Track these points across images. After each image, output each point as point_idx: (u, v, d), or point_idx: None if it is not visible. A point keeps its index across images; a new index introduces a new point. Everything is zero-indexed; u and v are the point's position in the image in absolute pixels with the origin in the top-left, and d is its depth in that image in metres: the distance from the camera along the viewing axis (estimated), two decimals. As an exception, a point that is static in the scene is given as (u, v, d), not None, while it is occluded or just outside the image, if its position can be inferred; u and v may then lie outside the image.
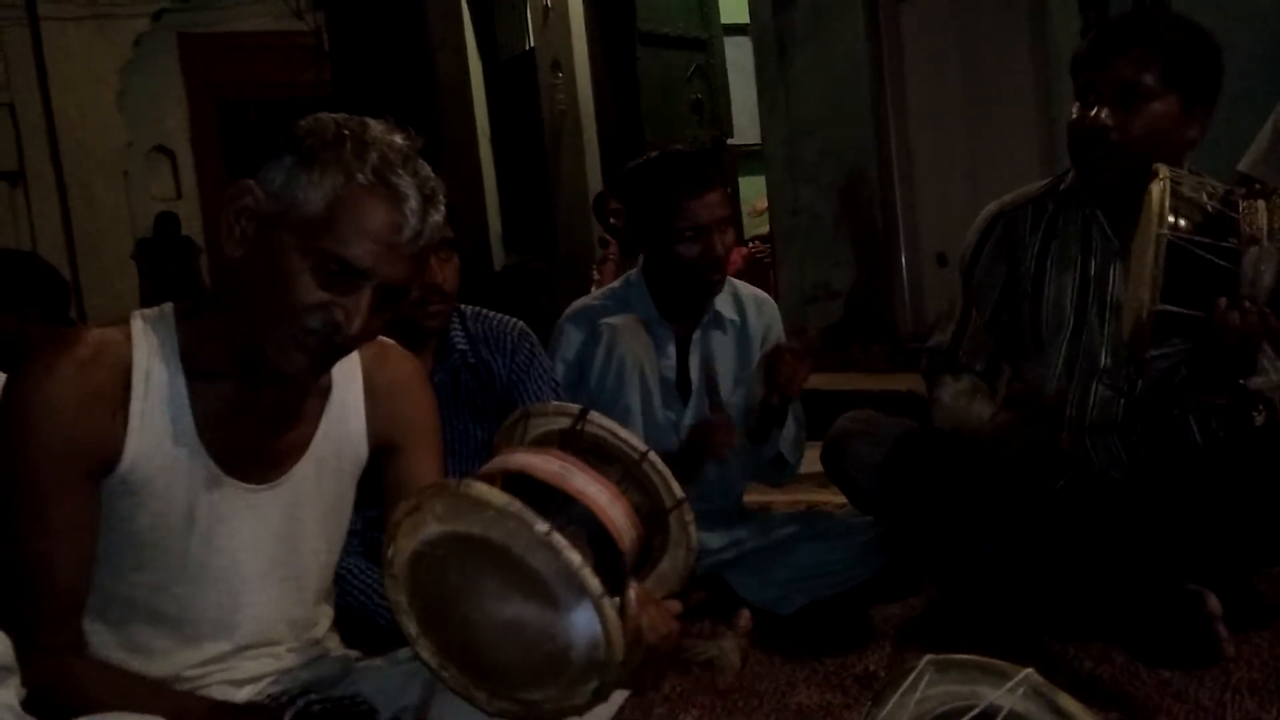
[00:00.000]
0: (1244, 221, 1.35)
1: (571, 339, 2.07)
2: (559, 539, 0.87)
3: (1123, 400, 1.72)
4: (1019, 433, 1.69)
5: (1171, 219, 1.37)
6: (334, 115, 1.08)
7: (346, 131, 1.06)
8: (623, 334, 2.03)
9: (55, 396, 1.04)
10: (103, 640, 1.13)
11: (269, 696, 1.19)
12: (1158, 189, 1.39)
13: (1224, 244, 1.36)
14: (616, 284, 2.17)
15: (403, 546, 0.95)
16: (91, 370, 1.06)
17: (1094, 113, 1.61)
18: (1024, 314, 1.78)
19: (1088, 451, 1.74)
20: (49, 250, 8.30)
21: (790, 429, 2.03)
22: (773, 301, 2.21)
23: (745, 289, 2.17)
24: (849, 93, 4.58)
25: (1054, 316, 1.74)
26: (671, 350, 2.08)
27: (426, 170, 1.08)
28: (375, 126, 1.07)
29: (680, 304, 2.07)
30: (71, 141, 8.48)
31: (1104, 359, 1.72)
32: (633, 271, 2.15)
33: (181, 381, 1.11)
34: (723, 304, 2.10)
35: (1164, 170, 1.41)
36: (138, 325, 1.11)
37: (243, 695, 1.19)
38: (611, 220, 5.43)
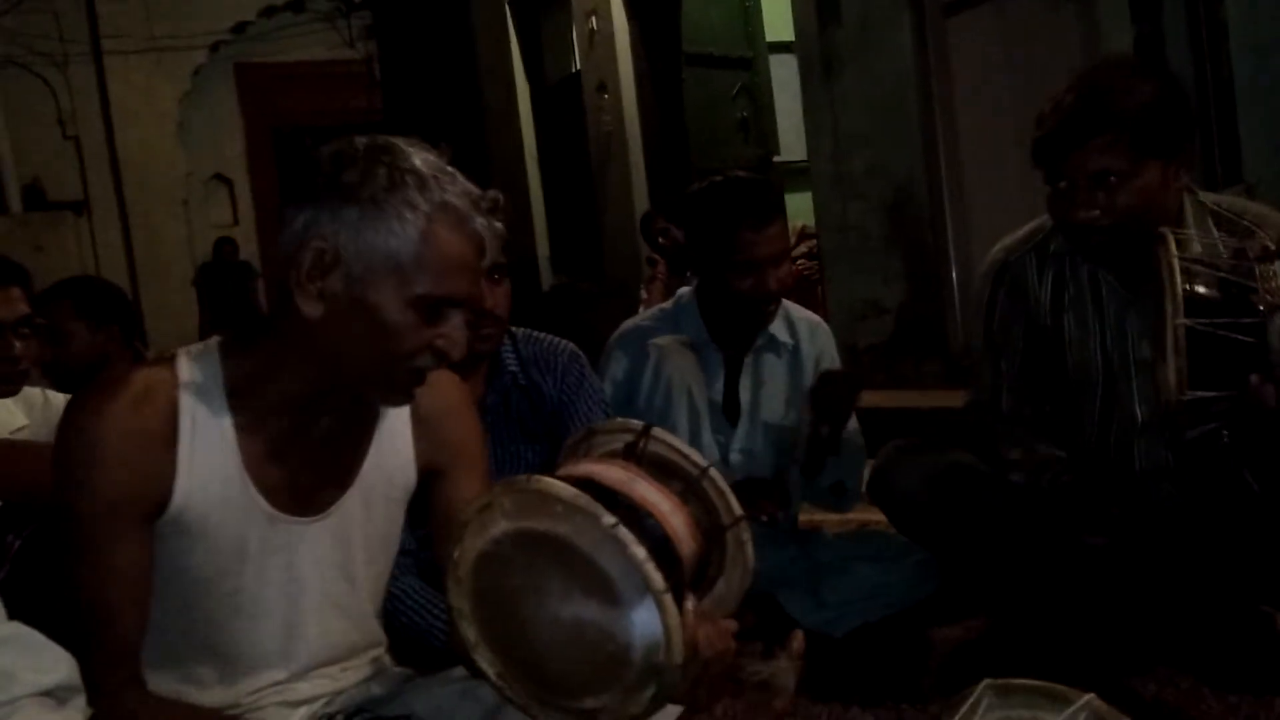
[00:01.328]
0: (1263, 289, 1.31)
1: (620, 360, 2.07)
2: (625, 533, 0.88)
3: (1169, 450, 1.68)
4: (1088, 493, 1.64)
5: (1187, 287, 1.32)
6: (358, 149, 1.07)
7: (397, 170, 1.05)
8: (671, 355, 2.03)
9: (105, 440, 1.05)
10: (161, 677, 1.14)
11: (324, 716, 1.20)
12: (1167, 269, 1.34)
13: (1244, 320, 1.31)
14: (667, 304, 2.17)
15: (470, 546, 0.96)
16: (140, 412, 1.07)
17: (1076, 208, 1.56)
18: (1050, 359, 1.74)
19: (1142, 497, 1.70)
20: (112, 276, 8.52)
21: (849, 455, 2.01)
22: (826, 326, 2.19)
23: (799, 312, 2.16)
24: (896, 108, 4.55)
25: (1080, 371, 1.71)
26: (720, 373, 2.07)
27: (467, 181, 1.09)
28: (409, 152, 1.07)
29: (731, 328, 2.06)
30: (133, 171, 8.73)
31: (1139, 414, 1.68)
32: (684, 292, 2.14)
33: (228, 419, 1.11)
34: (776, 327, 2.08)
35: (1171, 243, 1.36)
36: (183, 363, 1.12)
37: (298, 716, 1.20)
38: (660, 240, 5.44)
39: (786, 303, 2.15)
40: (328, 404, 1.14)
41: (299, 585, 1.18)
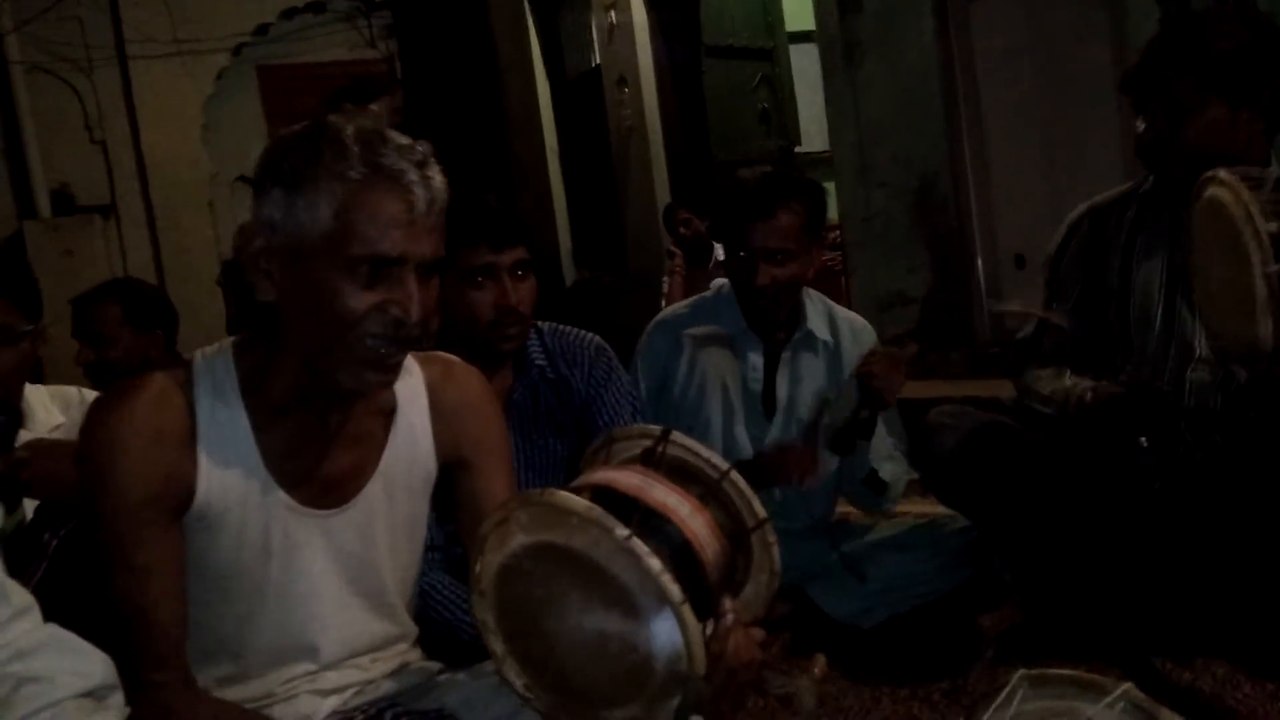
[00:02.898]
0: None
1: (656, 348, 2.07)
2: (639, 544, 0.87)
3: (1220, 392, 1.67)
4: (1126, 397, 1.66)
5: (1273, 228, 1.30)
6: (291, 132, 1.09)
7: (318, 142, 1.06)
8: (705, 346, 2.02)
9: (126, 441, 1.07)
10: (194, 671, 1.14)
11: (355, 708, 1.21)
12: (1242, 211, 1.31)
13: None
14: (708, 293, 2.15)
15: (490, 561, 0.96)
16: (158, 413, 1.09)
17: (1148, 129, 1.69)
18: (1111, 310, 1.78)
19: (1186, 443, 1.68)
20: (140, 278, 8.61)
21: (887, 449, 1.98)
22: (871, 330, 2.14)
23: (843, 313, 2.13)
24: (919, 96, 4.51)
25: (1143, 306, 1.75)
26: (758, 363, 2.05)
27: (402, 139, 1.08)
28: (337, 124, 1.07)
29: (758, 318, 2.04)
30: (159, 175, 8.79)
31: (1198, 348, 1.69)
32: (723, 282, 2.12)
33: (244, 416, 1.13)
34: (815, 323, 2.06)
35: (1237, 184, 1.34)
36: (198, 364, 1.14)
37: (328, 704, 1.21)
38: (680, 230, 5.43)
39: (829, 302, 2.13)
40: (331, 393, 1.14)
41: (324, 576, 1.19)
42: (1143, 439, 1.64)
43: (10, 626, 0.87)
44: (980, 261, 4.48)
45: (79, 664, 0.89)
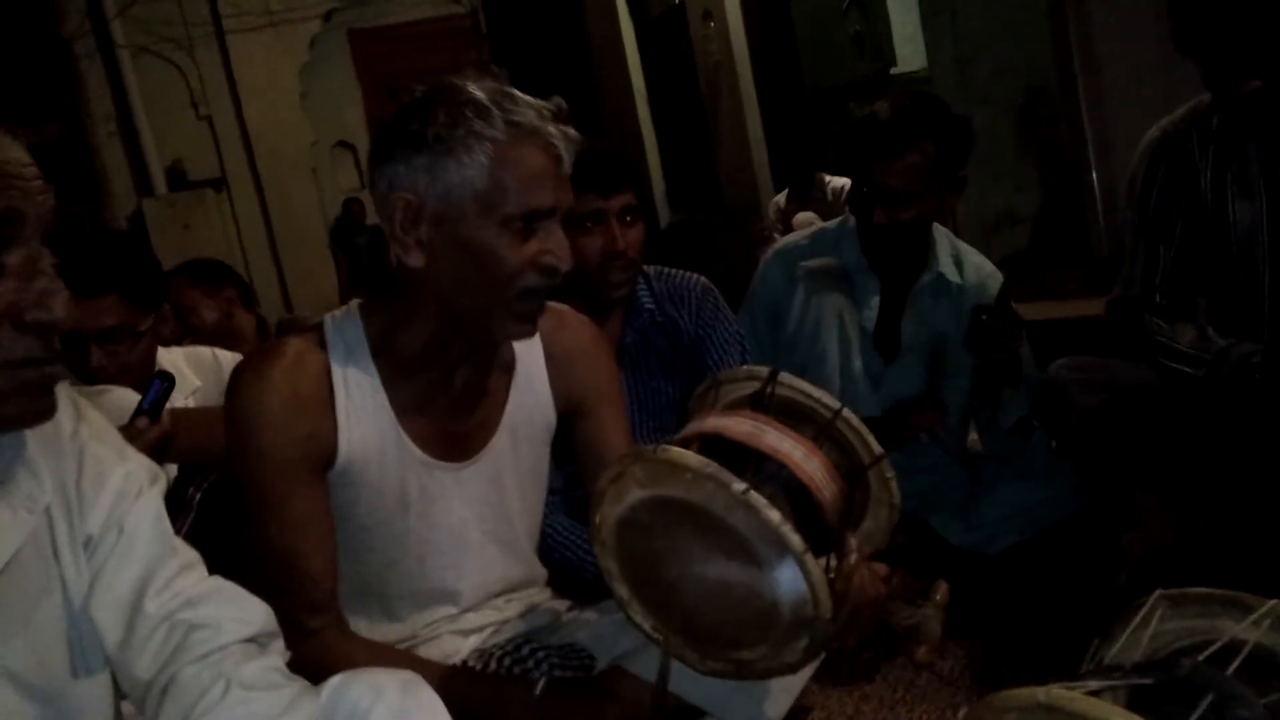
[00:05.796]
0: None
1: (771, 280, 2.03)
2: (757, 497, 0.88)
3: None
4: None
5: None
6: (417, 97, 1.10)
7: (458, 105, 1.07)
8: (820, 280, 1.97)
9: (269, 408, 1.11)
10: (346, 615, 1.20)
11: (494, 645, 1.27)
12: None
13: None
14: (832, 224, 2.08)
15: (608, 513, 0.98)
16: (296, 376, 1.13)
17: (1236, 78, 1.52)
18: (1213, 242, 1.64)
19: None
20: (253, 247, 8.96)
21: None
22: (999, 275, 2.02)
23: (973, 255, 2.02)
24: (1023, 3, 4.29)
25: (1246, 245, 1.61)
26: (875, 302, 1.97)
27: (528, 97, 1.11)
28: (465, 85, 1.09)
29: (880, 256, 1.95)
30: (264, 145, 9.06)
31: None
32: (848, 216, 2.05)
33: (376, 376, 1.16)
34: (945, 265, 1.96)
35: None
36: (329, 328, 1.18)
37: (469, 644, 1.27)
38: None
39: (959, 243, 2.03)
40: (460, 351, 1.18)
41: (461, 525, 1.24)
42: None
43: (180, 578, 0.93)
44: (1095, 176, 4.27)
45: (242, 612, 0.95)
